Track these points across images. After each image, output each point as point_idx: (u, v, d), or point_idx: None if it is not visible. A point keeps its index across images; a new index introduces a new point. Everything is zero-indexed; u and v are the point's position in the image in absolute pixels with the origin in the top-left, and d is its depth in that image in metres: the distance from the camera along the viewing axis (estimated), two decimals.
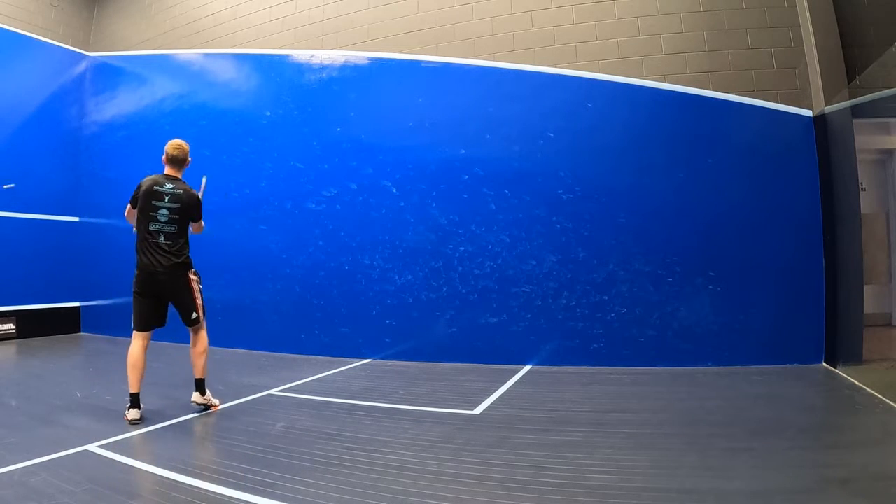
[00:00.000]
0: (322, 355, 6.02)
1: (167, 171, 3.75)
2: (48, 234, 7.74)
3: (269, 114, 6.69)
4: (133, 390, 3.49)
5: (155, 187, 3.61)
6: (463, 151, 5.75)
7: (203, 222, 3.90)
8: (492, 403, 3.93)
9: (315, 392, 4.39)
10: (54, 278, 7.75)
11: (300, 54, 6.65)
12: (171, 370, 5.07)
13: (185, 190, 3.69)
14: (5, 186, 6.54)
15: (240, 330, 4.59)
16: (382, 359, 5.85)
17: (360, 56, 6.35)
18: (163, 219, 3.57)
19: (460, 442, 3.05)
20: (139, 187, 3.64)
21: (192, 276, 3.71)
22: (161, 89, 7.55)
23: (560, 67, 5.57)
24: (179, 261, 3.62)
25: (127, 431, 3.22)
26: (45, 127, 7.80)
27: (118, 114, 7.92)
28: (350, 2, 6.51)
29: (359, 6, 6.46)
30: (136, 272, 3.59)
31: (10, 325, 7.21)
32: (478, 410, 3.73)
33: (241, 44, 7.07)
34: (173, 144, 3.76)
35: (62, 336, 7.68)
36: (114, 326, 7.71)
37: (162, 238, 3.56)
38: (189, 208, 3.68)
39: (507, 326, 5.50)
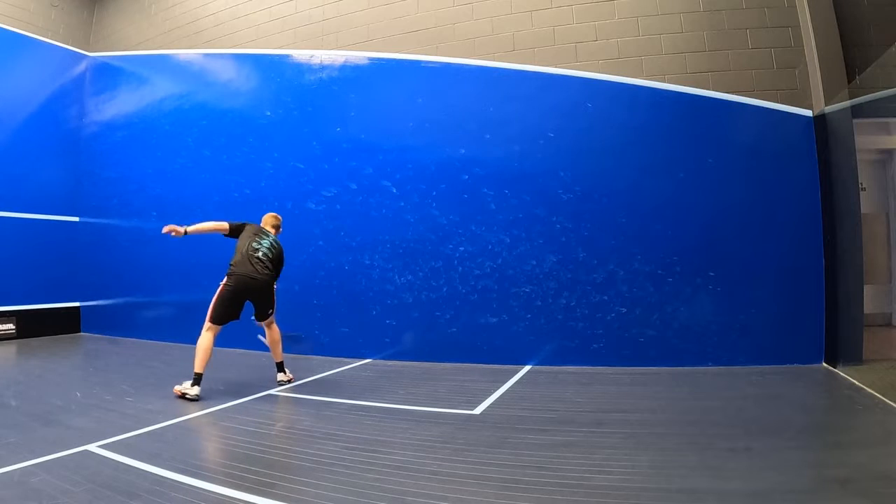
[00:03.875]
0: (322, 355, 6.02)
1: (267, 228, 4.74)
2: (48, 234, 7.74)
3: (269, 114, 6.69)
4: (198, 371, 4.04)
5: (262, 228, 4.65)
6: (463, 151, 5.75)
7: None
8: (492, 403, 3.93)
9: (315, 392, 4.39)
10: (54, 278, 7.74)
11: (300, 54, 6.65)
12: (173, 370, 5.08)
13: (280, 247, 4.63)
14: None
15: (240, 330, 4.61)
16: (382, 359, 5.85)
17: (360, 56, 6.35)
18: (265, 245, 4.48)
19: (460, 442, 3.05)
20: (244, 225, 4.58)
21: (274, 287, 4.61)
22: (161, 89, 7.55)
23: (560, 67, 5.57)
24: (273, 275, 4.49)
25: (127, 431, 3.22)
26: (44, 127, 7.80)
27: (118, 114, 7.93)
28: (350, 2, 6.52)
29: (359, 6, 6.46)
30: (230, 279, 4.28)
31: (10, 325, 7.21)
32: (478, 410, 3.73)
33: (241, 44, 7.07)
34: (274, 215, 4.88)
35: (62, 336, 7.68)
36: (114, 326, 7.72)
37: (261, 254, 4.41)
38: (280, 258, 4.59)
39: (507, 326, 5.50)
